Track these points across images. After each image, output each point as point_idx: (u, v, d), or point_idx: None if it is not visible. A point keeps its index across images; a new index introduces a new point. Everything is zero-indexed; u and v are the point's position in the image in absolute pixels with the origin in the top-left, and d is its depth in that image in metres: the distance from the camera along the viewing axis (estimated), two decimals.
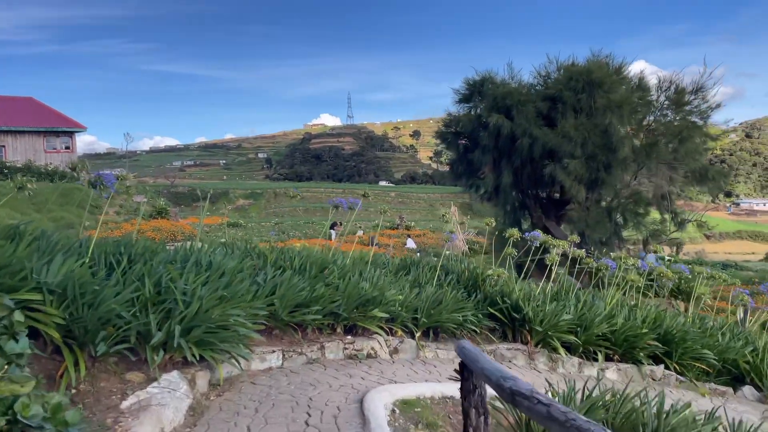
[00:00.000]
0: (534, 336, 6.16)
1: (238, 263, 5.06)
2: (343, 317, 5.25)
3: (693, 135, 12.52)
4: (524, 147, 12.74)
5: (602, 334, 6.28)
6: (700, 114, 12.86)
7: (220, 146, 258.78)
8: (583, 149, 12.20)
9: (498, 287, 6.44)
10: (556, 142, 12.34)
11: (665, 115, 12.85)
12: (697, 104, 12.89)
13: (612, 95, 12.30)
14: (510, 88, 13.55)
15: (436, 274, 6.57)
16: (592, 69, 12.70)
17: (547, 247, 7.21)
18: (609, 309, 6.70)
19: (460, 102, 14.52)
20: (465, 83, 14.15)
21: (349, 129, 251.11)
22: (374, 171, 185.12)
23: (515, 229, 7.01)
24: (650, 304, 7.55)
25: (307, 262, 5.60)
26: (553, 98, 13.15)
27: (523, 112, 12.77)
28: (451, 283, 6.59)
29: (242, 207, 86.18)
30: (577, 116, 12.63)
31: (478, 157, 13.59)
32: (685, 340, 6.35)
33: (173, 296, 3.98)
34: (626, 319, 6.61)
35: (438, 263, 6.91)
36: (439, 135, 15.20)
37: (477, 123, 13.89)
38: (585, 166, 12.17)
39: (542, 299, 6.43)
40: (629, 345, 6.26)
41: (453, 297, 5.95)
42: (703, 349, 6.39)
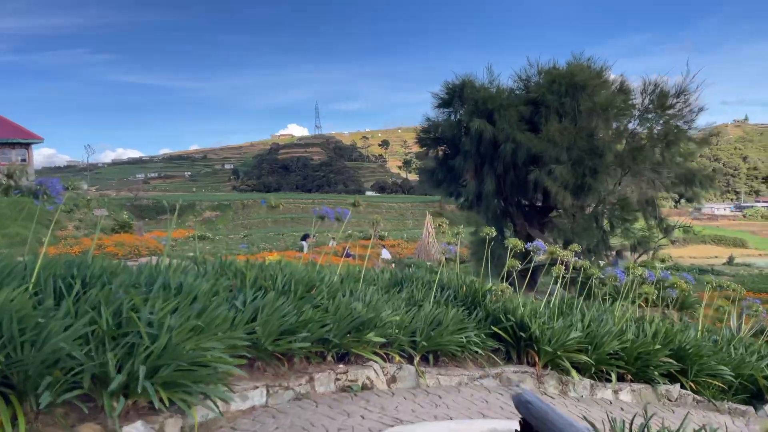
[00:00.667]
0: (542, 357, 5.63)
1: (213, 284, 4.41)
2: (334, 344, 4.63)
3: (679, 138, 12.29)
4: (507, 152, 12.33)
5: (614, 351, 5.78)
6: (684, 118, 12.66)
7: (185, 158, 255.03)
8: (568, 154, 11.85)
9: (500, 304, 5.89)
10: (540, 147, 11.97)
11: (649, 119, 12.59)
12: (680, 108, 12.69)
13: (596, 98, 12.00)
14: (491, 92, 13.15)
15: (433, 291, 5.99)
16: (574, 72, 12.39)
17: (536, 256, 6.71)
18: (618, 324, 6.21)
19: (439, 107, 14.07)
20: (445, 87, 13.72)
21: (318, 139, 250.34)
22: (343, 181, 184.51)
23: (516, 239, 6.49)
24: (652, 315, 7.11)
25: (292, 281, 4.96)
26: (536, 102, 12.80)
27: (506, 117, 12.37)
28: (449, 299, 6.02)
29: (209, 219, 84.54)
30: (561, 120, 12.30)
31: (459, 163, 13.14)
32: (701, 356, 5.90)
33: (136, 329, 3.32)
34: (636, 335, 6.13)
35: (435, 278, 6.34)
36: (419, 141, 14.71)
37: (458, 128, 13.46)
38: (571, 171, 11.82)
39: (548, 315, 5.91)
40: (643, 363, 5.78)
41: (454, 316, 5.37)
42: (719, 365, 5.94)
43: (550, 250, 6.41)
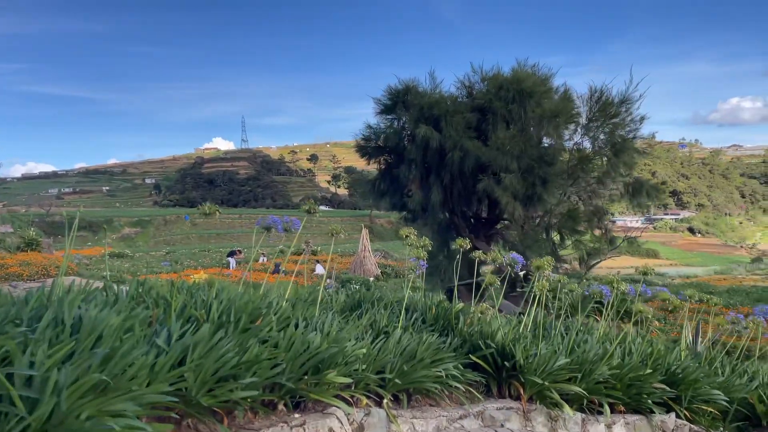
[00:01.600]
0: (528, 389, 4.82)
1: (126, 317, 3.31)
2: (287, 389, 3.62)
3: (626, 147, 12.06)
4: (455, 161, 11.68)
5: (604, 379, 5.05)
6: (628, 127, 12.46)
7: (102, 172, 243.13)
8: (518, 163, 11.34)
9: (477, 327, 5.06)
10: (489, 155, 11.40)
11: (595, 127, 12.31)
12: (622, 117, 12.49)
13: (544, 105, 11.59)
14: (437, 97, 12.51)
15: (398, 314, 5.08)
16: (521, 78, 11.95)
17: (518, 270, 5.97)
18: (601, 345, 5.52)
19: (381, 113, 13.29)
20: (387, 93, 12.95)
21: (244, 153, 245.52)
22: (271, 195, 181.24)
23: (480, 251, 5.71)
24: (627, 332, 6.50)
25: (231, 309, 3.91)
26: (483, 109, 12.26)
27: (453, 124, 11.74)
28: (416, 324, 5.13)
29: (128, 236, 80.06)
30: (509, 128, 11.80)
31: (404, 173, 12.38)
32: (695, 380, 5.28)
33: (5, 391, 2.24)
34: (622, 357, 5.45)
35: (399, 299, 5.45)
36: (359, 150, 13.84)
37: (402, 136, 12.72)
38: (521, 181, 11.30)
39: (530, 340, 5.12)
40: (636, 390, 5.08)
41: (428, 346, 4.47)
42: (713, 389, 5.34)
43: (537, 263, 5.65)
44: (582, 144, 12.34)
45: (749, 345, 7.78)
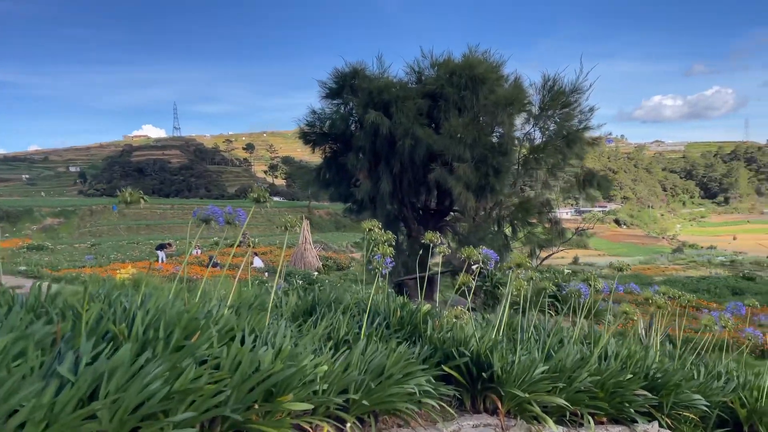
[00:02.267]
0: (506, 402, 4.26)
1: (18, 336, 2.52)
2: (232, 422, 2.91)
3: (578, 138, 11.81)
4: (406, 149, 11.09)
5: (585, 388, 4.56)
6: (579, 117, 12.23)
7: (22, 159, 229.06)
8: (472, 152, 10.87)
9: (448, 333, 4.47)
10: (442, 143, 10.87)
11: (548, 116, 12.00)
12: (573, 107, 12.24)
13: (497, 92, 11.16)
14: (387, 81, 11.85)
15: (358, 319, 4.43)
16: (473, 64, 11.46)
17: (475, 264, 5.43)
18: (579, 349, 5.06)
19: (327, 97, 12.50)
20: (334, 75, 12.19)
21: (176, 141, 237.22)
22: (205, 185, 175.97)
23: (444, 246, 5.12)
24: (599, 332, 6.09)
25: (161, 321, 3.14)
26: (434, 95, 11.72)
27: (404, 110, 11.13)
28: (380, 330, 4.49)
29: (50, 227, 75.47)
30: (461, 115, 11.30)
31: (351, 161, 11.67)
32: (678, 385, 4.88)
33: None
34: (599, 362, 5.00)
35: (358, 300, 4.80)
36: (302, 137, 13.00)
37: (349, 122, 12.00)
38: (475, 170, 10.84)
39: (506, 345, 4.58)
40: (618, 399, 4.62)
41: (397, 358, 3.84)
42: (694, 393, 4.97)
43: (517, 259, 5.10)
44: (533, 134, 12.04)
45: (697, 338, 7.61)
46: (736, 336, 10.55)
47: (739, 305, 5.92)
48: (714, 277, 24.64)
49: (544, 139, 11.97)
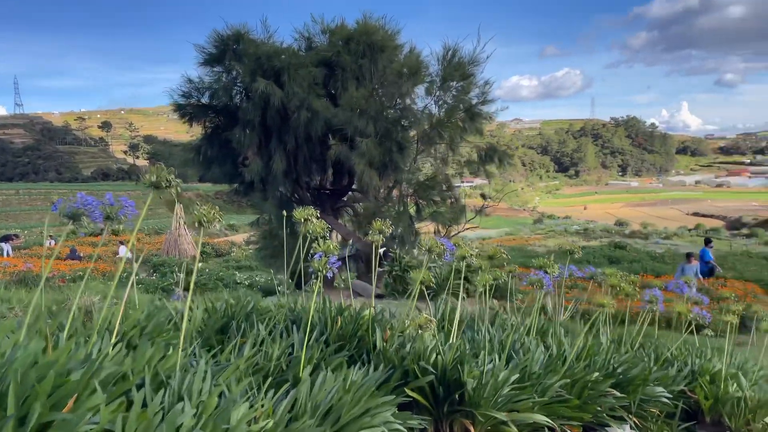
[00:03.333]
0: (478, 425, 3.50)
1: None
2: None
3: (479, 112, 11.34)
4: (301, 123, 9.96)
5: (557, 395, 3.92)
6: (479, 89, 11.76)
7: None
8: (375, 126, 9.98)
9: (405, 345, 3.60)
10: (342, 117, 9.87)
11: (449, 88, 11.37)
12: (472, 80, 11.75)
13: (400, 61, 10.34)
14: (276, 47, 10.56)
15: (305, 339, 3.42)
16: (370, 30, 10.53)
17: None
18: (538, 347, 4.44)
19: (206, 64, 10.93)
20: (214, 39, 10.64)
21: (19, 119, 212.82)
22: (56, 168, 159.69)
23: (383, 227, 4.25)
24: (545, 323, 5.57)
25: (9, 387, 1.93)
26: (330, 64, 10.64)
27: (297, 79, 9.96)
28: (320, 347, 3.51)
29: None
30: (360, 85, 10.36)
31: (238, 137, 10.29)
32: (645, 380, 4.41)
33: None
34: (564, 361, 4.42)
35: (281, 306, 3.78)
36: (177, 109, 11.33)
37: (234, 92, 10.58)
38: (378, 146, 9.97)
39: (474, 355, 3.83)
40: (593, 404, 4.04)
41: (356, 393, 2.94)
42: (657, 386, 4.53)
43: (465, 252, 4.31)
44: (434, 107, 11.38)
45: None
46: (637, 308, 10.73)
47: (680, 283, 5.61)
48: (590, 248, 26.08)
49: (443, 112, 11.38)
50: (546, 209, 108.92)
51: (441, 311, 5.18)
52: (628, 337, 5.58)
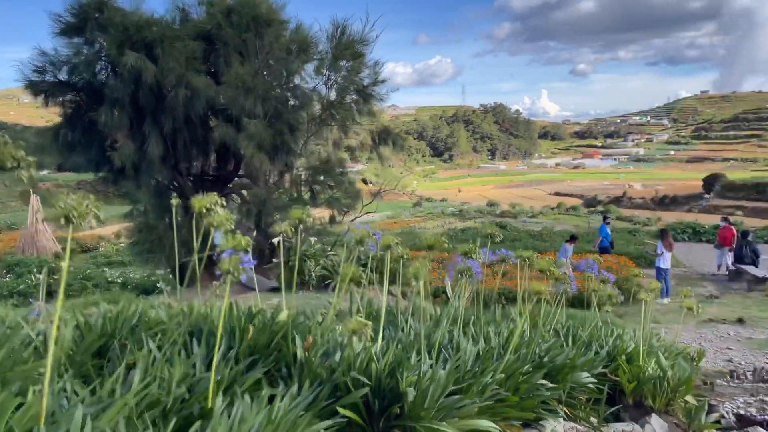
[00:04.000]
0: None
1: None
2: None
3: (373, 93, 10.86)
4: (179, 102, 8.90)
5: (493, 392, 3.57)
6: (370, 69, 11.26)
7: None
8: (264, 106, 9.15)
9: (336, 355, 3.06)
10: (227, 95, 8.94)
11: (340, 67, 10.75)
12: (363, 60, 11.25)
13: (288, 37, 9.57)
14: (146, 18, 9.33)
15: (217, 349, 2.77)
16: (253, 2, 9.63)
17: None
18: (465, 339, 4.09)
19: (64, 34, 9.43)
20: (72, 7, 9.18)
21: None
22: None
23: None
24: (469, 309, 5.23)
25: None
26: (209, 38, 9.62)
27: (173, 53, 8.87)
28: (229, 364, 2.86)
29: None
30: (244, 62, 9.46)
31: (105, 118, 8.99)
32: (574, 366, 4.21)
33: None
34: (492, 352, 4.10)
35: (175, 314, 3.08)
36: (29, 86, 9.71)
37: (98, 68, 9.24)
38: (268, 127, 9.16)
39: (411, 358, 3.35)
40: (528, 396, 3.75)
41: (287, 426, 2.35)
42: (582, 371, 4.36)
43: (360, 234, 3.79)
44: (324, 88, 10.73)
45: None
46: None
47: (591, 262, 5.52)
48: (474, 228, 26.82)
49: (333, 92, 10.80)
50: (424, 193, 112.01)
51: (356, 305, 4.67)
52: (530, 318, 5.40)
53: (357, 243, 3.11)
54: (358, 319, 2.78)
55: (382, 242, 3.61)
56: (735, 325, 10.12)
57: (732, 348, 8.82)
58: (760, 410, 5.10)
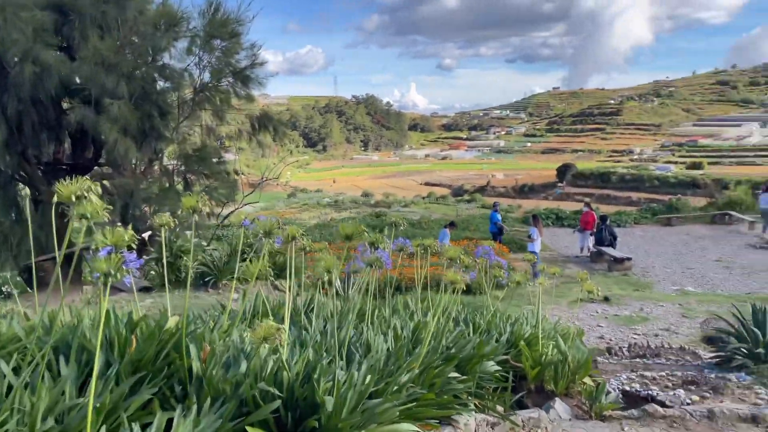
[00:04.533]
0: None
1: None
2: None
3: (251, 75, 10.17)
4: (26, 80, 7.70)
5: (409, 392, 3.38)
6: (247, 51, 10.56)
7: None
8: (129, 85, 8.17)
9: (233, 365, 2.68)
10: (85, 73, 7.87)
11: (215, 47, 9.94)
12: (239, 40, 10.53)
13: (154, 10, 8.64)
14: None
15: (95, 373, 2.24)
16: None
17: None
18: (373, 333, 3.87)
19: None
20: None
21: None
22: None
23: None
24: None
25: None
26: (61, 8, 8.42)
27: (17, 24, 7.63)
28: (109, 385, 2.37)
29: None
30: (104, 36, 8.41)
31: None
32: (483, 356, 4.14)
33: None
34: (404, 348, 3.91)
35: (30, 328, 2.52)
36: None
37: None
38: (135, 110, 8.21)
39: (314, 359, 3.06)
40: (443, 392, 3.59)
41: None
42: (488, 360, 4.30)
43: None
44: (196, 69, 9.87)
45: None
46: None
47: (487, 249, 5.49)
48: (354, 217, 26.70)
49: (207, 74, 9.99)
50: (299, 183, 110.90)
51: (252, 304, 4.23)
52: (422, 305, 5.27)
53: (264, 235, 2.71)
54: (269, 322, 2.39)
55: (287, 234, 3.23)
56: (602, 303, 10.86)
57: (602, 325, 9.42)
58: (643, 385, 5.39)
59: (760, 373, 5.15)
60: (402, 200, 59.25)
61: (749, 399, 4.73)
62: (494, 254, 5.49)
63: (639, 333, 8.85)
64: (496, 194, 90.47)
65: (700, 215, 23.69)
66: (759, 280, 13.16)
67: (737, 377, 5.21)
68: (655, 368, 5.87)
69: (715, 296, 11.63)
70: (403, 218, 4.42)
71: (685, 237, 20.09)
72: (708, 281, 13.37)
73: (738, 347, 5.55)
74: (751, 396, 4.79)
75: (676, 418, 4.05)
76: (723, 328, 6.79)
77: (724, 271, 14.30)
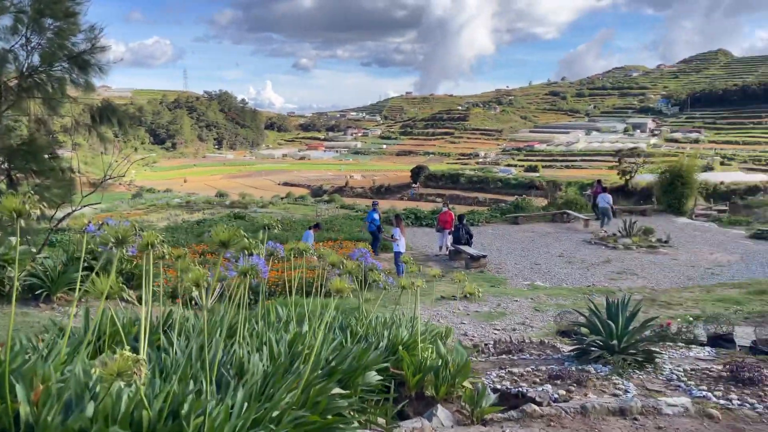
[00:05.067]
0: None
1: None
2: None
3: (91, 61, 8.98)
4: None
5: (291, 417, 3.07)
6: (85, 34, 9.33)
7: None
8: None
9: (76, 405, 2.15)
10: None
11: (44, 28, 8.62)
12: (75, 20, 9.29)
13: None
14: None
15: None
16: None
17: None
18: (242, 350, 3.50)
19: None
20: None
21: None
22: None
23: None
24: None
25: None
26: None
27: None
28: None
29: None
30: None
31: None
32: (366, 367, 3.92)
33: None
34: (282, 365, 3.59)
35: None
36: None
37: None
38: None
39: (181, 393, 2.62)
40: (327, 412, 3.31)
41: None
42: (370, 371, 4.09)
43: None
44: (24, 50, 8.48)
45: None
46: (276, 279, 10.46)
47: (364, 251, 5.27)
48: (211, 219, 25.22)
49: (36, 57, 8.64)
50: (145, 183, 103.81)
51: (95, 324, 3.57)
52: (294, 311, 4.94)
53: (117, 243, 2.20)
54: (124, 353, 1.91)
55: (144, 241, 2.72)
56: (463, 300, 11.17)
57: (465, 322, 9.64)
58: (512, 382, 5.47)
59: (616, 364, 5.44)
60: (259, 200, 57.67)
61: (608, 390, 4.94)
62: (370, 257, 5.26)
63: (499, 328, 9.16)
64: (354, 194, 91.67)
65: (543, 214, 25.66)
66: (596, 273, 14.45)
67: (596, 369, 5.47)
68: (521, 364, 6.00)
69: (561, 289, 12.53)
70: (277, 221, 4.04)
71: (530, 234, 21.59)
72: (554, 275, 14.41)
73: (594, 340, 5.84)
74: (610, 386, 5.02)
75: (553, 416, 4.10)
76: (579, 322, 7.20)
77: (567, 265, 15.52)
